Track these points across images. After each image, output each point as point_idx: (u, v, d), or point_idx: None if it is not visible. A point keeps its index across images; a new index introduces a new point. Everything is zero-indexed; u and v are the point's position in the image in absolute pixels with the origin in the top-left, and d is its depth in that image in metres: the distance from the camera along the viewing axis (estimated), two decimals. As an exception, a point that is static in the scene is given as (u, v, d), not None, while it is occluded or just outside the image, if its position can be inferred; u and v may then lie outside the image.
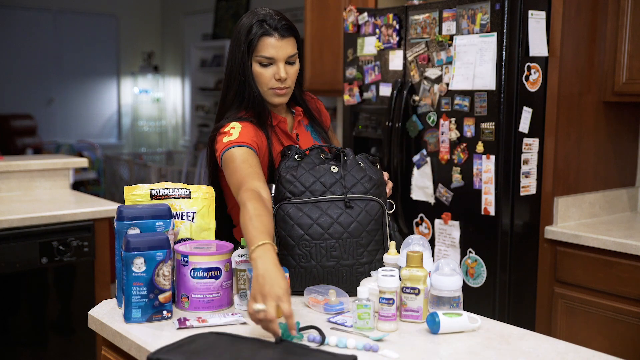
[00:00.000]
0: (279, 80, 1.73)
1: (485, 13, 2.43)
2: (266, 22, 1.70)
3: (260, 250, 1.38)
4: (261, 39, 1.70)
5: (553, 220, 2.55)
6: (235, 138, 1.68)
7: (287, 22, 1.73)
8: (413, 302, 1.47)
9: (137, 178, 7.28)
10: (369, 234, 1.65)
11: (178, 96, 9.22)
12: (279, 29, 1.70)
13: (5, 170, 3.18)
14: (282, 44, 1.71)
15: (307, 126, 1.92)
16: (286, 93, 1.77)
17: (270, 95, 1.76)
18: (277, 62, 1.72)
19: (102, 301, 1.64)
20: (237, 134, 1.69)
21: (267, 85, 1.74)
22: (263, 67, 1.73)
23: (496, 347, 1.34)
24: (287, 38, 1.72)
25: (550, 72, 2.50)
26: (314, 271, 1.64)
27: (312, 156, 1.72)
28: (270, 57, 1.71)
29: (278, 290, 1.30)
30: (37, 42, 8.43)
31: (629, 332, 2.32)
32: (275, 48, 1.70)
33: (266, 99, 1.77)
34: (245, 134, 1.69)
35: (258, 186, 1.57)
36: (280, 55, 1.71)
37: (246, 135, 1.69)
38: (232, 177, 1.63)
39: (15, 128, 7.87)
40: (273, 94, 1.76)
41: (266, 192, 1.57)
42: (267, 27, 1.70)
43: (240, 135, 1.69)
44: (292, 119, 1.89)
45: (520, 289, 2.54)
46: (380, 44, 2.83)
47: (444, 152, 2.60)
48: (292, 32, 1.73)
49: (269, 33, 1.70)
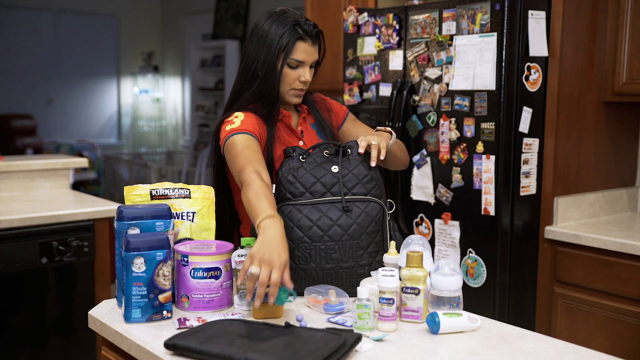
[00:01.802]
0: (302, 82, 1.81)
1: (485, 13, 2.43)
2: (300, 26, 1.77)
3: (270, 221, 1.44)
4: (296, 43, 1.77)
5: (553, 220, 2.55)
6: (237, 126, 1.72)
7: (318, 30, 1.81)
8: (413, 302, 1.47)
9: (137, 178, 7.28)
10: (368, 235, 1.65)
11: (178, 96, 9.22)
12: (312, 36, 1.79)
13: (5, 170, 3.18)
14: (313, 49, 1.80)
15: (312, 124, 1.95)
16: (303, 94, 1.86)
17: (291, 95, 1.83)
18: (305, 66, 1.80)
19: (102, 301, 1.64)
20: (239, 122, 1.73)
21: (291, 86, 1.81)
22: (291, 68, 1.79)
23: (496, 347, 1.34)
24: (316, 45, 1.81)
25: (550, 72, 2.50)
26: (313, 273, 1.63)
27: (315, 155, 1.72)
28: (300, 61, 1.78)
29: (276, 260, 1.36)
30: (37, 42, 8.43)
31: (629, 332, 2.32)
32: (307, 53, 1.78)
33: (285, 98, 1.84)
34: (247, 122, 1.74)
35: (260, 170, 1.60)
36: (309, 60, 1.80)
37: (249, 123, 1.74)
38: (234, 163, 1.66)
39: (15, 128, 7.87)
40: (294, 94, 1.83)
41: (267, 177, 1.61)
42: (302, 33, 1.77)
43: (243, 123, 1.73)
44: (298, 115, 1.94)
45: (520, 289, 2.54)
46: (380, 44, 2.83)
47: (444, 152, 2.60)
48: (320, 40, 1.83)
49: (304, 38, 1.77)
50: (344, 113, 2.03)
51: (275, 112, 1.83)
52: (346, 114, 2.04)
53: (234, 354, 1.22)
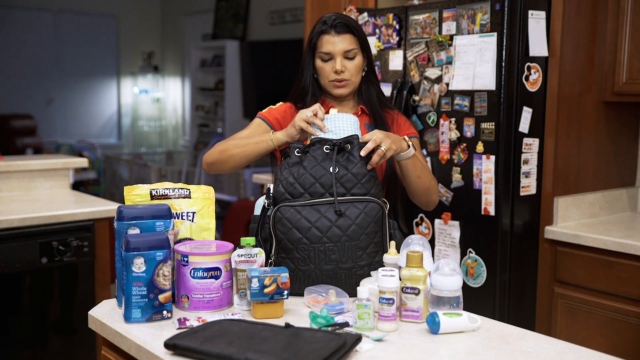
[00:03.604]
0: (336, 73, 1.90)
1: (485, 13, 2.43)
2: (325, 22, 1.91)
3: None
4: (320, 37, 1.91)
5: (553, 220, 2.55)
6: (264, 111, 1.99)
7: (343, 20, 1.90)
8: (413, 302, 1.47)
9: (137, 178, 7.29)
10: (367, 236, 1.64)
11: (178, 96, 9.22)
12: (334, 27, 1.89)
13: (5, 170, 3.18)
14: (337, 39, 1.89)
15: (367, 125, 1.98)
16: (346, 85, 1.93)
17: (331, 87, 1.94)
18: (335, 57, 1.89)
19: (102, 301, 1.64)
20: (267, 109, 1.99)
21: (328, 78, 1.92)
22: (324, 62, 1.92)
23: (496, 347, 1.35)
24: (343, 34, 1.89)
25: (550, 72, 2.50)
26: (312, 274, 1.63)
27: (314, 152, 1.70)
28: (327, 52, 1.90)
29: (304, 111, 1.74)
30: (37, 42, 8.43)
31: (629, 332, 2.32)
32: (332, 44, 1.89)
33: (328, 90, 1.96)
34: (275, 110, 1.99)
35: None
36: (337, 50, 1.88)
37: (274, 111, 1.98)
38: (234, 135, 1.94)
39: (15, 128, 7.87)
40: (333, 85, 1.93)
41: None
42: (325, 27, 1.91)
43: (269, 110, 1.99)
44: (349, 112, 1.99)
45: (520, 289, 2.54)
46: (380, 44, 2.83)
47: (444, 152, 2.60)
48: (348, 29, 1.90)
49: (327, 31, 1.90)
50: (410, 133, 2.00)
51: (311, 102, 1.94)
52: (411, 134, 2.00)
53: (234, 354, 1.22)
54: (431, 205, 1.96)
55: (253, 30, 7.53)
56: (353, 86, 1.94)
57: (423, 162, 1.92)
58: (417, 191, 1.89)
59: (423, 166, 1.89)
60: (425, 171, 1.89)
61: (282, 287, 1.46)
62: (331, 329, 1.35)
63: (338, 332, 1.31)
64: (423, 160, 1.94)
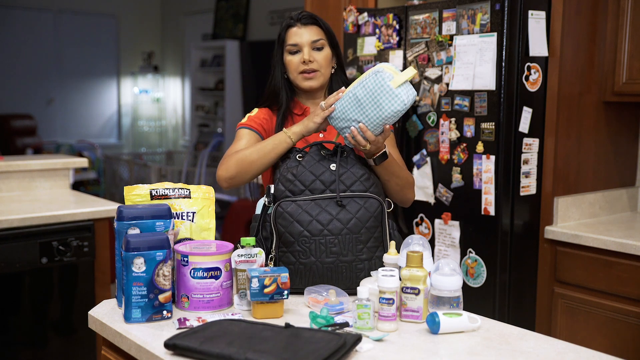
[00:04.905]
0: (304, 63, 1.88)
1: (485, 13, 2.43)
2: (291, 17, 1.94)
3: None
4: (287, 31, 1.92)
5: (553, 220, 2.55)
6: (245, 121, 1.93)
7: (309, 14, 1.95)
8: (413, 302, 1.47)
9: (137, 178, 7.28)
10: (368, 230, 1.65)
11: (178, 96, 9.22)
12: (300, 19, 1.92)
13: (5, 170, 3.18)
14: (303, 31, 1.90)
15: None
16: (315, 76, 1.90)
17: (300, 80, 1.91)
18: (303, 47, 1.89)
19: (102, 301, 1.64)
20: (247, 118, 1.93)
21: (297, 71, 1.90)
22: (292, 54, 1.91)
23: (496, 347, 1.35)
24: (308, 26, 1.91)
25: (550, 72, 2.50)
26: (313, 267, 1.64)
27: (313, 153, 1.73)
28: (295, 44, 1.89)
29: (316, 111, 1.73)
30: (37, 42, 8.43)
31: (629, 332, 2.32)
32: (299, 35, 1.90)
33: (298, 85, 1.93)
34: (255, 117, 1.93)
35: None
36: (304, 41, 1.89)
37: (255, 119, 1.92)
38: (230, 149, 1.87)
39: (15, 128, 7.87)
40: (302, 78, 1.91)
41: None
42: (291, 21, 1.93)
43: (249, 119, 1.93)
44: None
45: (520, 289, 2.54)
46: (380, 44, 2.83)
47: (444, 152, 2.60)
48: (314, 20, 1.93)
49: (292, 24, 1.92)
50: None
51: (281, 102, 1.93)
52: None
53: (234, 354, 1.22)
54: (407, 202, 1.90)
55: (253, 30, 7.53)
56: (323, 78, 1.91)
57: (398, 158, 1.89)
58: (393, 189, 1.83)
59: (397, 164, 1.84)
60: (399, 168, 1.83)
61: (282, 287, 1.46)
62: (331, 329, 1.35)
63: (338, 332, 1.31)
64: (398, 157, 1.91)
